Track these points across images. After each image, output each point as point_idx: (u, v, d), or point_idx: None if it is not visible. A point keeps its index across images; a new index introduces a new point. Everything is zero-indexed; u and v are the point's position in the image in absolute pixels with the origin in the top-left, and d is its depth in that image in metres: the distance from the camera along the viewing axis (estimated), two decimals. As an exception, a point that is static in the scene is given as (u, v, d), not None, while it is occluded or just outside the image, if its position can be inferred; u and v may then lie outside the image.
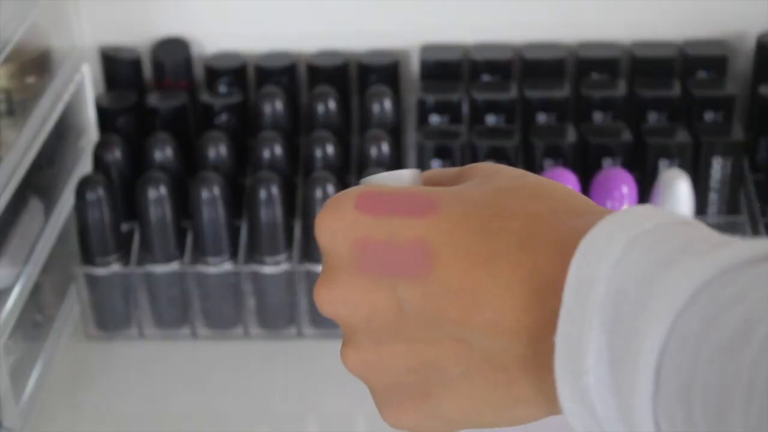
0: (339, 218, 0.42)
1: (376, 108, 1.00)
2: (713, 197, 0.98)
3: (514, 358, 0.39)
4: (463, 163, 0.98)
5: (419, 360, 0.41)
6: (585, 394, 0.36)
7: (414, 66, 1.07)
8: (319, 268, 0.93)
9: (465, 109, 1.02)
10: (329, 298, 0.42)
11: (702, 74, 1.03)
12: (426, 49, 1.05)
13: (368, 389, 0.45)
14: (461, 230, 0.40)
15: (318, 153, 0.96)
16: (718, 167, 0.97)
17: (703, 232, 0.37)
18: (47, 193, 0.98)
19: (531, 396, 0.40)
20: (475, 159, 0.98)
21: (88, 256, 0.93)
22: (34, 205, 0.95)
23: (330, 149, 0.96)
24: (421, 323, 0.41)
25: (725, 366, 0.32)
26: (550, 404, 0.39)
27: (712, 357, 0.33)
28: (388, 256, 0.41)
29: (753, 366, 0.31)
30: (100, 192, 0.91)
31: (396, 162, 0.98)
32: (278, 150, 0.96)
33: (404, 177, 0.44)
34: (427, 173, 0.46)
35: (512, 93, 1.02)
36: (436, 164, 0.98)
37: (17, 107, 0.95)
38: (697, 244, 0.35)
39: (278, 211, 0.92)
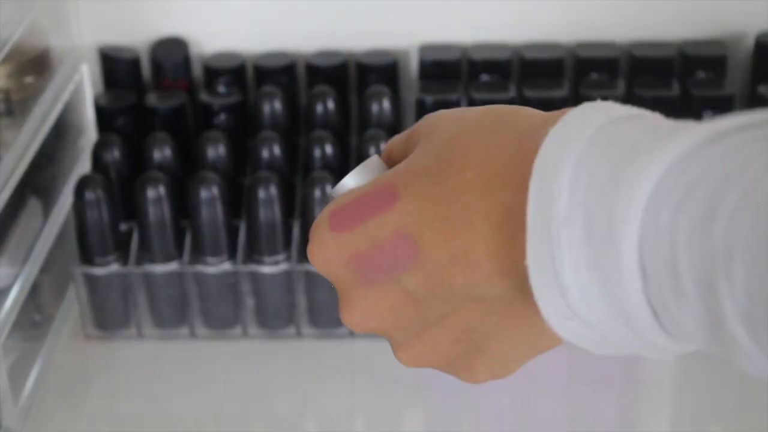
0: (323, 247, 0.43)
1: (375, 108, 1.00)
2: (712, 197, 0.98)
3: (529, 293, 0.40)
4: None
5: (457, 331, 0.43)
6: (574, 309, 0.38)
7: (413, 66, 1.07)
8: (318, 267, 0.93)
9: (464, 108, 1.02)
10: (354, 321, 0.44)
11: (701, 74, 1.03)
12: (425, 48, 1.05)
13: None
14: (426, 204, 0.41)
15: (317, 153, 0.96)
16: (717, 167, 0.97)
17: (648, 120, 0.38)
18: (46, 193, 0.98)
19: None
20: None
21: (86, 256, 0.93)
22: (33, 205, 0.95)
23: (329, 149, 0.96)
24: (439, 302, 0.42)
25: (702, 248, 0.33)
26: None
27: (689, 241, 0.34)
28: (379, 260, 0.42)
29: (726, 240, 0.33)
30: (99, 192, 0.91)
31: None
32: (277, 150, 0.96)
33: (365, 171, 0.45)
34: (385, 150, 0.48)
35: (511, 93, 1.02)
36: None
37: (16, 107, 0.95)
38: (646, 137, 0.37)
39: (277, 211, 0.92)
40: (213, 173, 0.93)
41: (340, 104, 1.01)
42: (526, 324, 0.43)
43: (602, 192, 0.36)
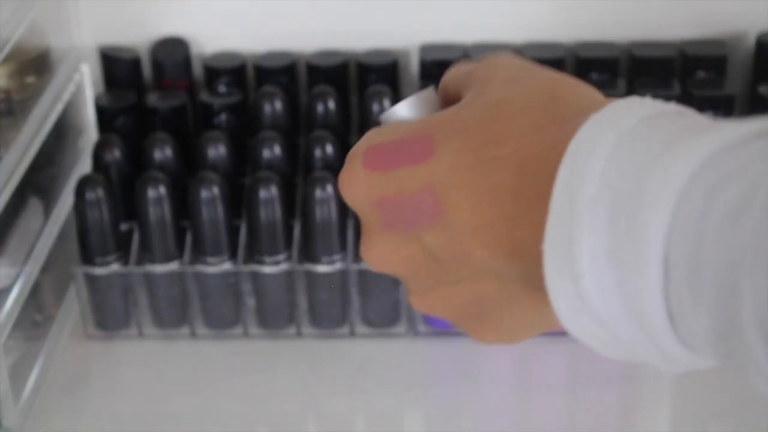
0: (354, 181, 0.43)
1: (375, 108, 1.00)
2: (712, 197, 0.98)
3: (543, 278, 0.39)
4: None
5: (470, 296, 0.43)
6: (585, 300, 0.36)
7: (413, 65, 1.07)
8: (318, 268, 0.93)
9: (464, 108, 1.02)
10: (371, 261, 0.44)
11: (701, 74, 1.03)
12: (425, 48, 1.05)
13: None
14: (460, 168, 0.40)
15: (317, 153, 0.96)
16: (717, 167, 0.97)
17: (692, 117, 0.37)
18: (47, 193, 0.98)
19: None
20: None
21: (87, 256, 0.93)
22: (34, 205, 0.95)
23: (329, 149, 0.96)
24: (455, 266, 0.42)
25: (730, 240, 0.31)
26: None
27: (716, 233, 0.32)
28: (403, 211, 0.42)
29: (755, 231, 0.31)
30: (100, 192, 0.91)
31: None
32: (278, 150, 0.96)
33: (418, 102, 0.45)
34: (443, 82, 0.47)
35: (511, 93, 1.02)
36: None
37: (17, 107, 0.95)
38: (688, 130, 0.35)
39: (277, 211, 0.92)
40: (213, 173, 0.93)
41: (341, 104, 1.01)
42: (537, 308, 0.42)
43: (634, 178, 0.34)
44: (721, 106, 1.01)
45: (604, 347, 0.38)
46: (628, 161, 0.35)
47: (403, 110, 0.45)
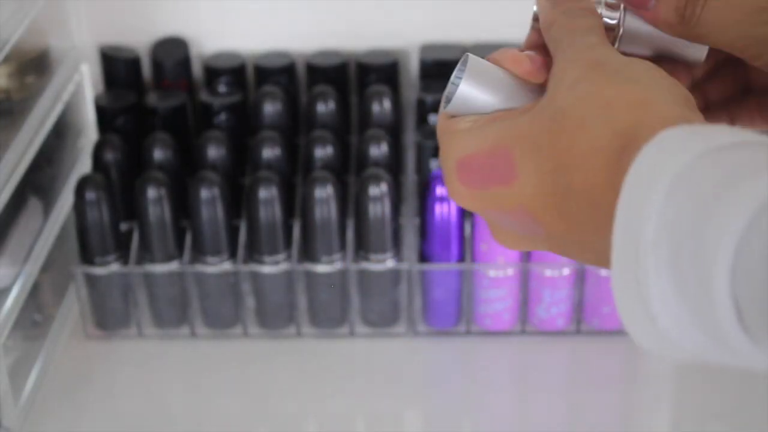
0: (458, 197, 0.47)
1: (375, 107, 1.00)
2: (712, 197, 0.98)
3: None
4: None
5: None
6: (663, 335, 0.38)
7: (413, 65, 1.07)
8: (317, 268, 0.93)
9: (464, 108, 1.02)
10: (503, 243, 0.48)
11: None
12: (425, 48, 1.05)
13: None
14: (542, 193, 0.43)
15: (317, 153, 0.96)
16: (717, 167, 0.97)
17: (745, 152, 0.37)
18: (46, 193, 0.98)
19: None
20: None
21: (87, 256, 0.93)
22: (33, 205, 0.95)
23: (329, 149, 0.96)
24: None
25: None
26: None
27: None
28: (510, 220, 0.45)
29: None
30: (99, 192, 0.91)
31: (395, 162, 0.98)
32: (277, 150, 0.96)
33: (480, 78, 0.47)
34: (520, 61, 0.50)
35: (511, 93, 1.02)
36: (435, 164, 0.98)
37: (16, 107, 0.95)
38: (742, 170, 0.36)
39: (277, 211, 0.92)
40: (213, 173, 0.93)
41: (341, 104, 1.01)
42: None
43: (693, 222, 0.36)
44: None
45: (680, 358, 0.40)
46: (686, 204, 0.37)
47: (469, 90, 0.47)
